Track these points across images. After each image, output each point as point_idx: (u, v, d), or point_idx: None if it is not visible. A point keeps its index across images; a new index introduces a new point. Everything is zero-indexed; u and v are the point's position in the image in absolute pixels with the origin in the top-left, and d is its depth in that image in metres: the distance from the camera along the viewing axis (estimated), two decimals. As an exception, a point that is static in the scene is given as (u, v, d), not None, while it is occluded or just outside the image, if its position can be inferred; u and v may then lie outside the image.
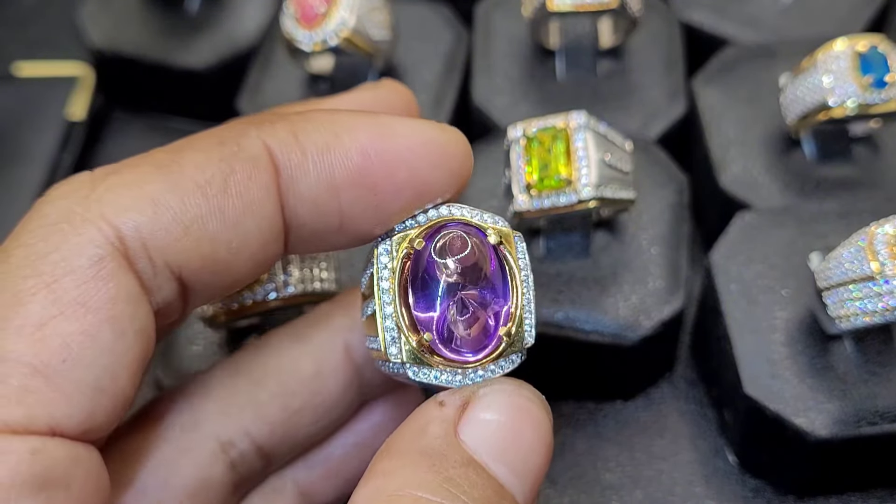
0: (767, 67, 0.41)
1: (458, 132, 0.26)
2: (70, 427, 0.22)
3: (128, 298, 0.23)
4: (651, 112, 0.41)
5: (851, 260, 0.31)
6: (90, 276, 0.22)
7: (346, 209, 0.25)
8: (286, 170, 0.24)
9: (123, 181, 0.23)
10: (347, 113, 0.25)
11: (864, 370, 0.33)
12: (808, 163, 0.39)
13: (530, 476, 0.23)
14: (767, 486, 0.35)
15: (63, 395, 0.21)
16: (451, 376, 0.24)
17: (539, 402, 0.24)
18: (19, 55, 0.51)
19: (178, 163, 0.24)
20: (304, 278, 0.33)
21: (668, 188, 0.38)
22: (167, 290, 0.24)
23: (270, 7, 0.48)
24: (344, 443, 0.31)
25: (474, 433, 0.23)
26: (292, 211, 0.25)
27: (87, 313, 0.22)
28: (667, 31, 0.44)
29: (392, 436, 0.24)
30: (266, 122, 0.25)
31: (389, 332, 0.24)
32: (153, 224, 0.23)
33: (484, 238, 0.25)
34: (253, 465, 0.29)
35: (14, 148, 0.46)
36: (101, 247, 0.22)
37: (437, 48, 0.45)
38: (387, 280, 0.24)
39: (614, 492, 0.35)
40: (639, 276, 0.36)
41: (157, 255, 0.23)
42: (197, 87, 0.47)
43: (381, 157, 0.25)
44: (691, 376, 0.38)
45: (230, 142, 0.24)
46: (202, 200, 0.23)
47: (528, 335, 0.25)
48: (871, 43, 0.36)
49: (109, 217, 0.23)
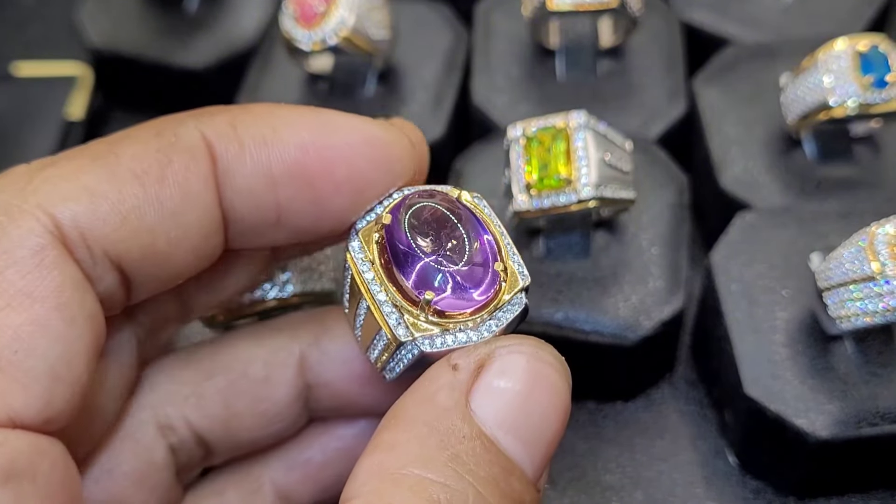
0: (768, 67, 0.41)
1: (401, 133, 0.26)
2: (30, 417, 0.21)
3: (73, 285, 0.23)
4: (651, 112, 0.41)
5: (852, 260, 0.31)
6: (33, 266, 0.22)
7: (284, 203, 0.25)
8: (223, 161, 0.24)
9: (60, 172, 0.23)
10: (288, 107, 0.25)
11: (865, 371, 0.33)
12: (808, 163, 0.39)
13: (542, 448, 0.23)
14: (768, 487, 0.35)
15: (19, 385, 0.21)
16: (465, 335, 0.24)
17: (558, 367, 0.23)
18: (18, 55, 0.51)
19: (115, 153, 0.23)
20: (303, 279, 0.33)
21: (668, 188, 0.38)
22: (108, 279, 0.24)
23: (270, 6, 0.48)
24: (325, 447, 0.30)
25: (487, 403, 0.22)
26: (229, 203, 0.25)
27: (34, 303, 0.22)
28: (667, 31, 0.44)
29: (400, 400, 0.23)
30: (206, 113, 0.25)
31: (391, 316, 0.24)
32: (90, 214, 0.23)
33: (445, 194, 0.25)
34: (193, 453, 0.29)
35: (13, 148, 0.46)
36: (41, 236, 0.22)
37: (436, 48, 0.44)
38: (369, 271, 0.24)
39: (614, 493, 0.35)
40: (639, 276, 0.36)
41: (96, 244, 0.23)
42: (196, 86, 0.47)
43: (319, 153, 0.24)
44: (691, 377, 0.38)
45: (167, 132, 0.24)
46: (139, 190, 0.23)
47: (520, 274, 0.25)
48: (871, 42, 0.36)
49: (47, 207, 0.22)
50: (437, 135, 0.41)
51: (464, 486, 0.21)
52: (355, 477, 0.22)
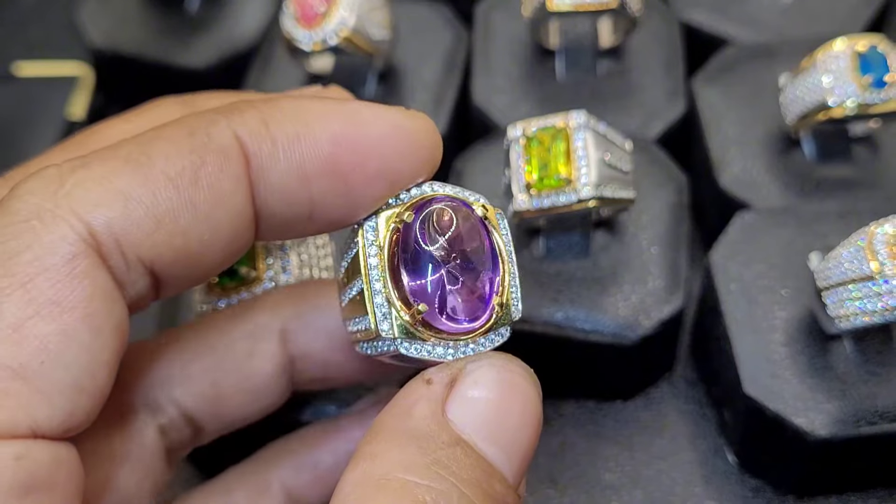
0: (767, 67, 0.41)
1: (427, 119, 0.25)
2: (51, 428, 0.21)
3: (103, 296, 0.22)
4: (651, 112, 0.41)
5: (851, 260, 0.31)
6: (64, 275, 0.22)
7: (317, 198, 0.24)
8: (256, 160, 0.24)
9: (92, 175, 0.23)
10: (316, 100, 0.25)
11: (864, 370, 0.33)
12: (807, 163, 0.39)
13: (520, 453, 0.23)
14: (767, 486, 0.35)
15: (43, 396, 0.21)
16: (443, 350, 0.24)
17: (528, 377, 0.24)
18: (19, 55, 0.51)
19: (147, 155, 0.23)
20: (301, 264, 0.33)
21: (668, 188, 0.38)
22: (140, 284, 0.23)
23: (270, 7, 0.48)
24: (336, 449, 0.30)
25: (462, 412, 0.23)
26: (263, 201, 0.24)
27: (62, 312, 0.21)
28: (667, 31, 0.44)
29: (379, 416, 0.23)
30: (235, 111, 0.24)
31: (380, 309, 0.24)
32: (125, 219, 0.22)
33: (471, 211, 0.25)
34: (182, 433, 0.29)
35: (14, 148, 0.46)
36: (74, 244, 0.22)
37: (436, 48, 0.45)
38: (375, 256, 0.24)
39: (614, 491, 0.35)
40: (638, 276, 0.36)
41: (130, 250, 0.23)
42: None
43: (351, 146, 0.24)
44: (691, 376, 0.38)
45: (200, 132, 0.24)
46: (173, 193, 0.23)
47: (514, 308, 0.25)
48: (870, 43, 0.36)
49: (80, 213, 0.22)
50: (438, 135, 0.41)
51: (448, 486, 0.21)
52: (340, 489, 0.22)
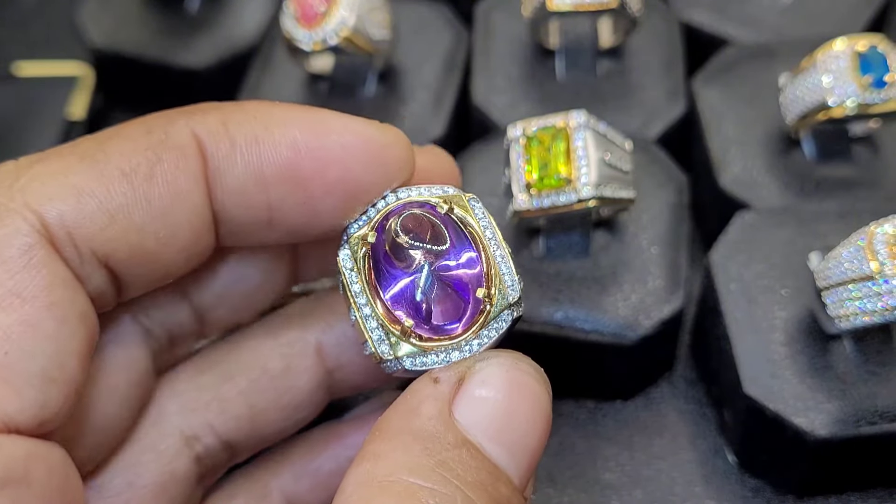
0: (767, 67, 0.41)
1: (400, 133, 0.25)
2: (24, 421, 0.21)
3: (63, 284, 0.22)
4: (651, 112, 0.41)
5: (851, 259, 0.31)
6: (21, 266, 0.22)
7: (276, 203, 0.24)
8: (214, 160, 0.24)
9: (48, 170, 0.23)
10: (282, 105, 0.25)
11: (864, 370, 0.33)
12: (807, 163, 0.39)
13: (527, 455, 0.23)
14: (767, 486, 0.35)
15: (11, 388, 0.21)
16: (447, 355, 0.24)
17: (537, 377, 0.24)
18: (19, 55, 0.51)
19: (103, 151, 0.23)
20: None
21: (668, 188, 0.38)
22: (96, 278, 0.23)
23: (270, 6, 0.48)
24: (335, 456, 0.30)
25: (469, 412, 0.22)
26: (220, 203, 0.24)
27: (23, 303, 0.21)
28: (667, 31, 0.44)
29: (384, 415, 0.23)
30: (197, 111, 0.24)
31: (375, 332, 0.24)
32: (77, 213, 0.22)
33: (434, 210, 0.24)
34: (218, 458, 0.28)
35: (14, 148, 0.46)
36: (29, 235, 0.22)
37: (436, 48, 0.45)
38: (356, 283, 0.24)
39: (614, 491, 0.35)
40: (639, 276, 0.36)
41: (83, 243, 0.23)
42: (197, 86, 0.47)
43: (311, 153, 0.24)
44: (691, 376, 0.38)
45: (157, 130, 0.24)
46: (127, 189, 0.23)
47: (510, 290, 0.24)
48: (870, 43, 0.36)
49: (34, 206, 0.22)
50: (437, 135, 0.41)
51: (451, 490, 0.21)
52: (343, 490, 0.21)
